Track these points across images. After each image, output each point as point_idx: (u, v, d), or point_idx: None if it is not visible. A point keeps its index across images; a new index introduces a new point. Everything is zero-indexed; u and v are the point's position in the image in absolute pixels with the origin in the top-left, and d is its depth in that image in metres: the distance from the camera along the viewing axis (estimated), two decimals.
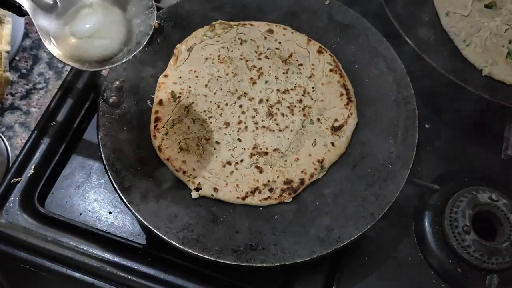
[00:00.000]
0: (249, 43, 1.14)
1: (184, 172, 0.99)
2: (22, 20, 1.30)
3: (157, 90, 1.08)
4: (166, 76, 1.10)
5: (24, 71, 1.28)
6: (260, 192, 0.99)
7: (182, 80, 1.09)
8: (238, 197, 0.98)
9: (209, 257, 0.89)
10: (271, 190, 0.99)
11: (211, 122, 1.05)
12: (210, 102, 1.07)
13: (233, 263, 0.89)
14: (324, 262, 0.99)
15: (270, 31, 1.15)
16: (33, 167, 1.06)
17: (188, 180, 0.99)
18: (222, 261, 0.89)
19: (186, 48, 1.13)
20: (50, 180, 1.08)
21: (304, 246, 0.92)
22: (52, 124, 1.10)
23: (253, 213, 0.98)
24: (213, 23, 1.16)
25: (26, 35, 1.32)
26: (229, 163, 1.01)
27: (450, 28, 1.22)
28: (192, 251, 0.89)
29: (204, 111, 1.06)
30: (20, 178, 1.05)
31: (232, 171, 1.00)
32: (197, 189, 0.98)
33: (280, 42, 1.14)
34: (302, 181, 1.00)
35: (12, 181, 1.04)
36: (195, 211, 0.96)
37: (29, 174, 1.05)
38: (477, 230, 1.02)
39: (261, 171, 1.00)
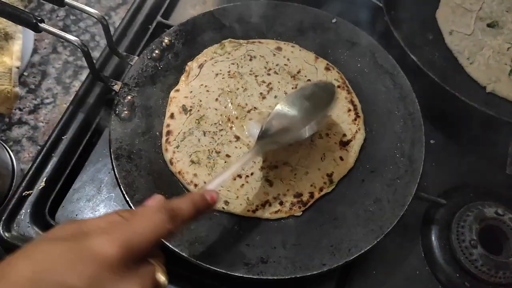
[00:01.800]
0: (258, 59, 1.16)
1: (195, 185, 1.00)
2: (31, 36, 1.32)
3: (168, 104, 1.10)
4: (177, 90, 1.12)
5: (32, 86, 1.29)
6: (270, 205, 0.99)
7: (193, 94, 1.11)
8: (248, 210, 0.98)
9: (221, 270, 0.89)
10: (281, 203, 1.00)
11: (221, 135, 1.06)
12: (221, 115, 1.08)
13: (244, 276, 0.89)
14: (333, 276, 1.00)
15: (279, 48, 1.18)
16: (44, 180, 1.06)
17: None
18: (233, 273, 0.89)
19: (197, 65, 1.15)
20: (61, 193, 1.08)
21: (314, 259, 0.92)
22: (63, 138, 1.11)
23: (263, 226, 0.98)
24: (223, 41, 1.18)
25: (35, 51, 1.33)
26: (239, 176, 1.02)
27: (454, 47, 1.25)
28: (204, 264, 0.89)
29: (215, 123, 1.07)
30: (31, 191, 1.05)
31: (243, 184, 1.01)
32: None
33: (288, 59, 1.16)
34: (311, 194, 1.01)
35: (23, 194, 1.04)
36: (206, 224, 0.96)
37: (40, 187, 1.06)
38: (484, 244, 1.03)
39: (271, 185, 1.01)
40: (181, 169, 1.02)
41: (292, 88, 1.12)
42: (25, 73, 1.30)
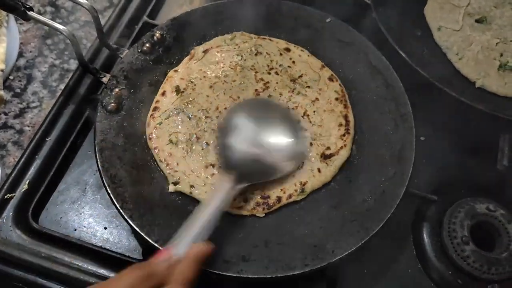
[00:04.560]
0: (263, 55, 1.15)
1: (167, 165, 0.99)
2: (17, 39, 1.30)
3: (163, 82, 1.11)
4: (176, 71, 1.12)
5: (18, 90, 1.27)
6: (234, 200, 0.96)
7: (190, 77, 1.11)
8: None
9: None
10: (246, 200, 0.97)
11: (205, 122, 1.05)
12: (211, 103, 1.08)
13: (224, 273, 0.87)
14: (324, 275, 0.98)
15: (287, 49, 1.17)
16: (27, 182, 1.05)
17: (169, 173, 0.99)
18: (213, 271, 0.87)
19: (203, 49, 1.15)
20: (45, 196, 1.07)
21: (297, 259, 0.90)
22: (47, 139, 1.10)
23: (247, 224, 0.96)
24: (235, 32, 1.18)
25: (20, 54, 1.32)
26: (212, 165, 1.00)
27: (443, 42, 1.25)
28: None
29: (203, 109, 1.07)
30: (13, 194, 1.04)
31: (213, 174, 1.00)
32: (175, 184, 0.98)
33: (294, 61, 1.15)
34: (279, 199, 0.98)
35: (5, 197, 1.03)
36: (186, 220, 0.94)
37: (23, 190, 1.04)
38: (476, 240, 1.02)
39: None
40: (158, 146, 1.02)
41: (289, 91, 1.11)
42: (11, 77, 1.29)
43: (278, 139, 1.00)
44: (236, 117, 1.02)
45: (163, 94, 1.09)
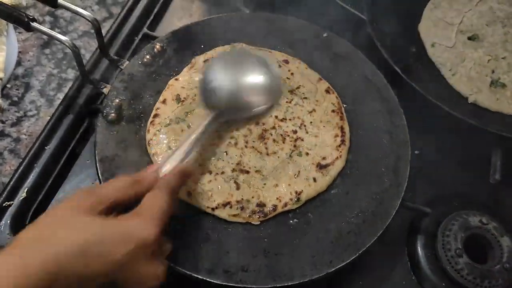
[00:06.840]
0: None
1: None
2: (15, 48, 1.31)
3: (164, 90, 1.12)
4: (177, 79, 1.13)
5: (15, 98, 1.27)
6: (231, 207, 0.98)
7: (191, 86, 1.12)
8: (208, 207, 0.98)
9: (200, 276, 0.88)
10: (242, 208, 0.98)
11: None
12: None
13: (223, 283, 0.88)
14: (321, 286, 0.98)
15: (286, 61, 1.18)
16: (25, 190, 1.05)
17: None
18: (213, 280, 0.88)
19: (203, 59, 1.17)
20: (43, 204, 1.07)
21: (295, 269, 0.91)
22: (46, 148, 1.10)
23: (245, 233, 0.97)
24: (235, 44, 1.20)
25: (18, 63, 1.32)
26: (210, 172, 1.01)
27: (436, 58, 1.28)
28: (183, 270, 0.88)
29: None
30: (12, 202, 1.03)
31: (210, 180, 1.00)
32: None
33: (292, 73, 1.16)
34: (274, 207, 0.99)
35: (3, 205, 1.03)
36: (186, 231, 0.95)
37: (21, 198, 1.04)
38: (469, 253, 1.04)
39: (238, 188, 1.00)
40: (157, 152, 1.02)
41: (286, 102, 1.12)
42: (8, 85, 1.29)
43: (253, 78, 1.08)
44: (215, 67, 1.08)
45: (164, 101, 1.10)
